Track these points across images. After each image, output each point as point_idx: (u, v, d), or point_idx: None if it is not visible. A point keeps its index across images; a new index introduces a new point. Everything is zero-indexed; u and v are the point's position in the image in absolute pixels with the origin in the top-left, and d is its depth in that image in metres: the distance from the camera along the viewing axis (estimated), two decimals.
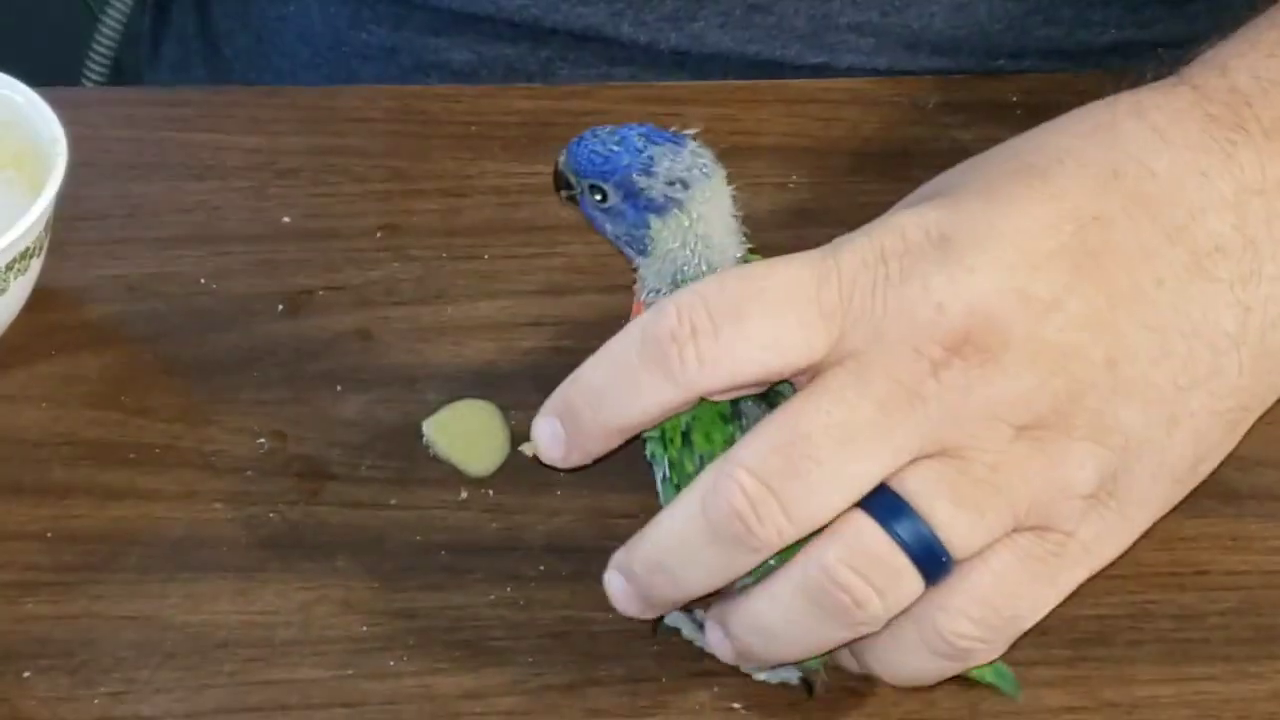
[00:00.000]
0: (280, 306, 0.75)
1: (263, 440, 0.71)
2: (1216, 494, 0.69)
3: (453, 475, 0.70)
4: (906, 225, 0.61)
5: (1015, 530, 0.60)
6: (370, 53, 0.91)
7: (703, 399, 0.62)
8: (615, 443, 0.63)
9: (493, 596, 0.67)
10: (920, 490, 0.59)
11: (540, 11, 0.87)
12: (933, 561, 0.59)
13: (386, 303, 0.75)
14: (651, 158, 0.63)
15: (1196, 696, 0.65)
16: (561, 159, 0.65)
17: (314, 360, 0.73)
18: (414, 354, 0.73)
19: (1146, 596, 0.67)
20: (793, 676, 0.64)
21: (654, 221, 0.63)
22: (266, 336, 0.74)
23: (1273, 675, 0.65)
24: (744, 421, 0.62)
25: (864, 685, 0.65)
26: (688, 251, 0.63)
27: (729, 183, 0.64)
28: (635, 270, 0.65)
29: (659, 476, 0.64)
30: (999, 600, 0.60)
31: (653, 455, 0.64)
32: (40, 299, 0.73)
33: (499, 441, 0.71)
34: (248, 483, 0.70)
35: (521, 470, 0.70)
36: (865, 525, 0.59)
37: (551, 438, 0.63)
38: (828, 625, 0.60)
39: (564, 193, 0.66)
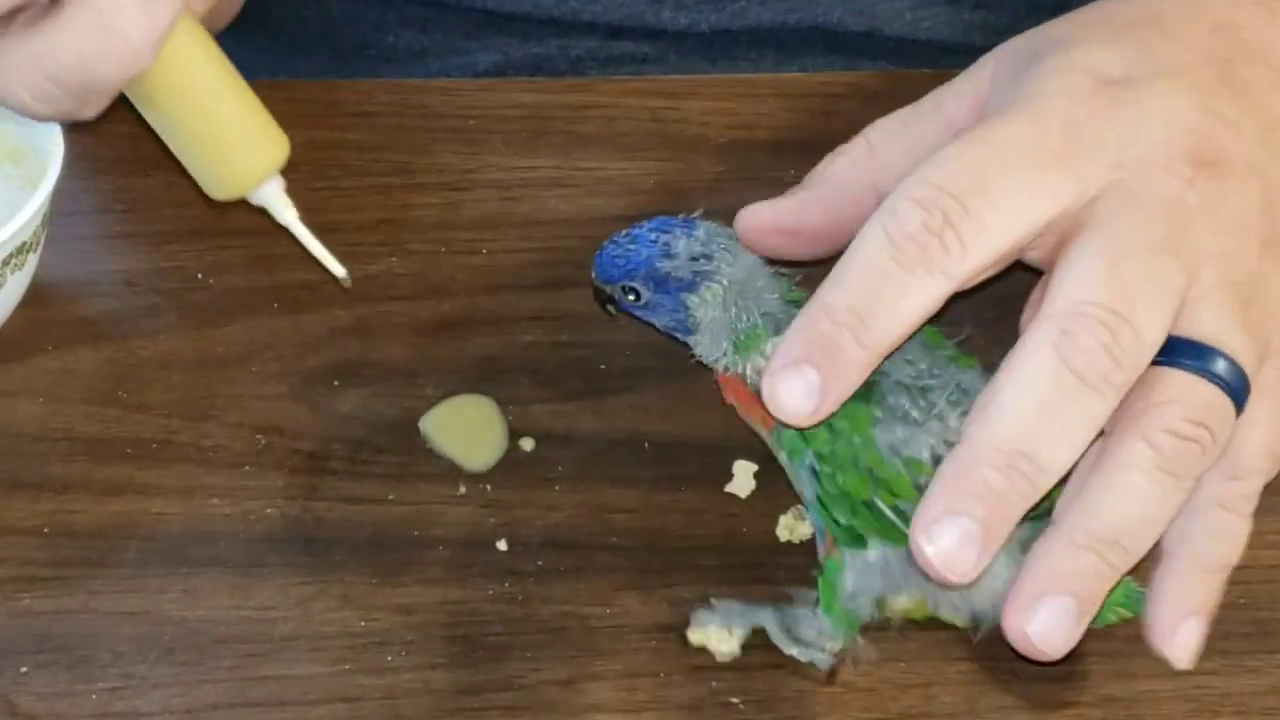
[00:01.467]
0: (277, 302, 0.75)
1: (261, 435, 0.71)
2: None
3: (451, 470, 0.70)
4: (1085, 67, 0.63)
5: (1274, 350, 0.62)
6: (396, 55, 0.90)
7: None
8: (873, 366, 0.60)
9: (490, 592, 0.67)
10: (1214, 324, 0.60)
11: (579, 4, 0.86)
12: (1243, 389, 0.60)
13: (385, 297, 0.75)
14: (668, 244, 0.65)
15: (1196, 691, 0.65)
16: (593, 276, 0.67)
17: (312, 355, 0.73)
18: (413, 349, 0.73)
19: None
20: (824, 660, 0.64)
21: (690, 299, 0.65)
22: (265, 331, 0.74)
23: (1271, 670, 0.65)
24: (882, 401, 0.62)
25: (863, 680, 0.65)
26: (732, 313, 0.64)
27: None
28: (696, 353, 0.66)
29: (805, 471, 0.63)
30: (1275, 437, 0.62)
31: (793, 453, 0.63)
32: (37, 294, 0.73)
33: (497, 437, 0.71)
34: (246, 478, 0.70)
35: (520, 465, 0.70)
36: (1200, 385, 0.60)
37: (805, 390, 0.59)
38: (1175, 491, 0.59)
39: (609, 307, 0.67)
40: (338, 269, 0.69)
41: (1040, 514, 0.62)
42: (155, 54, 0.61)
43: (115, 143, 0.79)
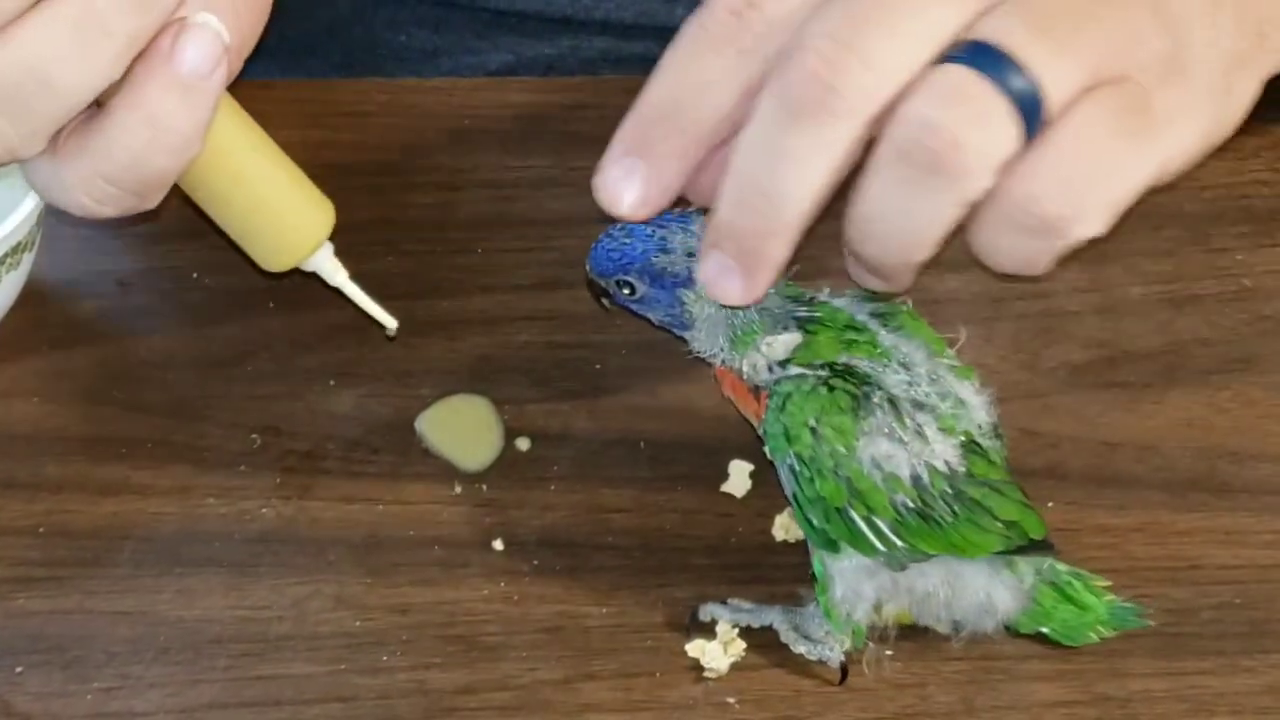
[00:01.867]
0: (273, 302, 0.75)
1: (256, 435, 0.71)
2: (1210, 488, 0.69)
3: (446, 470, 0.70)
4: None
5: (1096, 85, 0.59)
6: (407, 55, 0.90)
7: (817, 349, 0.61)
8: (694, 155, 0.61)
9: (486, 592, 0.67)
10: (1000, 27, 0.58)
11: (592, 2, 0.86)
12: (1025, 98, 0.58)
13: (380, 297, 0.75)
14: (664, 238, 0.64)
15: (1190, 691, 0.65)
16: (587, 269, 0.66)
17: (307, 354, 0.73)
18: (408, 348, 0.73)
19: (1140, 591, 0.67)
20: (834, 658, 0.64)
21: (685, 295, 0.64)
22: (260, 331, 0.74)
23: (1266, 670, 0.65)
24: (869, 415, 0.62)
25: (858, 680, 0.65)
26: (728, 309, 0.64)
27: None
28: (692, 347, 0.66)
29: (784, 469, 0.63)
30: (1084, 157, 0.59)
31: (775, 450, 0.63)
32: (32, 294, 0.73)
33: (493, 436, 0.71)
34: (241, 478, 0.69)
35: (515, 465, 0.70)
36: (952, 68, 0.58)
37: (626, 174, 0.61)
38: (928, 190, 0.58)
39: (604, 300, 0.67)
40: (388, 320, 0.70)
41: (1027, 547, 0.62)
42: (204, 139, 0.62)
43: None
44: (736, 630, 0.65)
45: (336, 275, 0.68)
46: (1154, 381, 0.72)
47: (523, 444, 0.71)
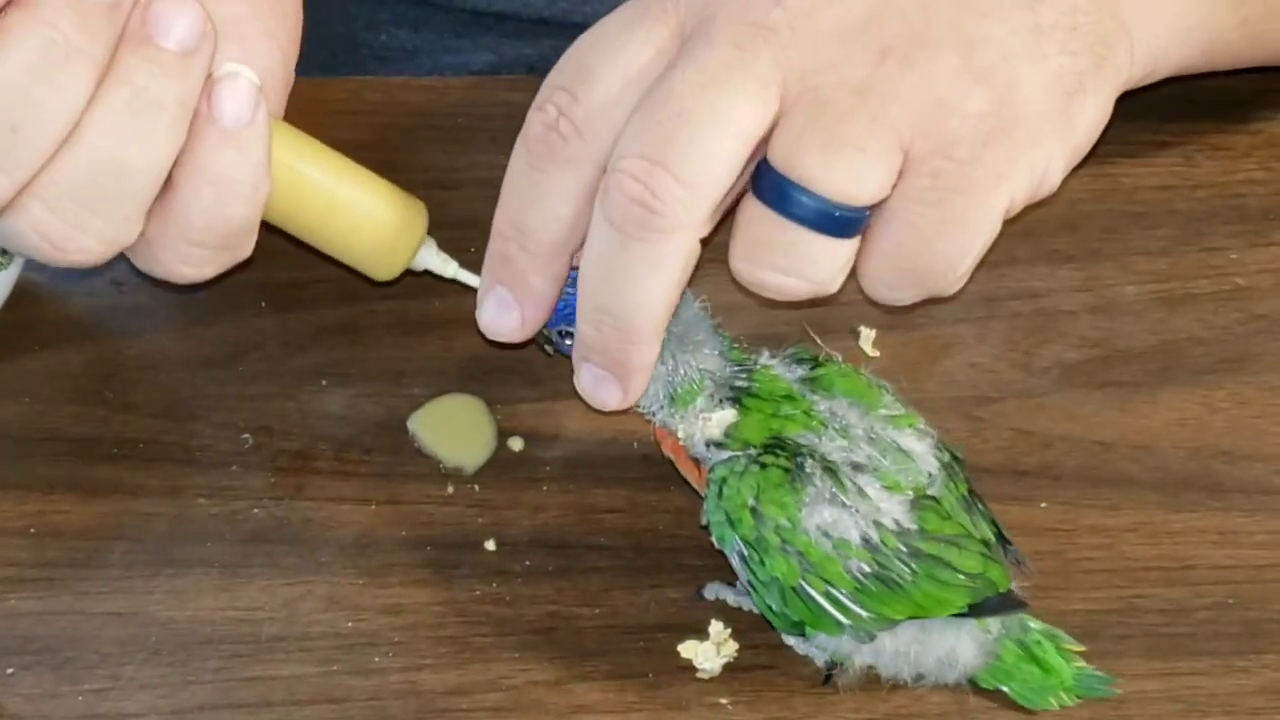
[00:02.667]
0: (265, 301, 0.74)
1: (247, 435, 0.71)
2: (1203, 488, 0.69)
3: (438, 470, 0.70)
4: None
5: (910, 170, 0.59)
6: (389, 55, 0.90)
7: (744, 440, 0.62)
8: (556, 268, 0.63)
9: (478, 592, 0.67)
10: (790, 150, 0.59)
11: (569, 4, 0.86)
12: (828, 219, 0.59)
13: (373, 296, 0.75)
14: None
15: (1184, 691, 0.65)
16: None
17: (299, 354, 0.73)
18: (400, 348, 0.73)
19: (1134, 591, 0.67)
20: (820, 658, 0.64)
21: None
22: (252, 331, 0.74)
23: (1259, 670, 0.65)
24: (806, 485, 0.61)
25: (858, 683, 0.64)
26: (668, 365, 0.64)
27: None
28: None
29: (735, 557, 0.63)
30: (915, 258, 0.60)
31: (721, 539, 0.63)
32: (23, 294, 0.73)
33: (485, 436, 0.71)
34: (232, 478, 0.69)
35: (508, 465, 0.70)
36: (751, 213, 0.60)
37: (499, 306, 0.64)
38: (788, 301, 0.61)
39: (548, 347, 0.67)
40: None
41: (997, 605, 0.62)
42: (267, 177, 0.63)
43: None
44: (729, 631, 0.65)
45: (447, 267, 0.68)
46: (1148, 381, 0.72)
47: (515, 444, 0.71)
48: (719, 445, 0.63)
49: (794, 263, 0.60)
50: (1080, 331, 0.74)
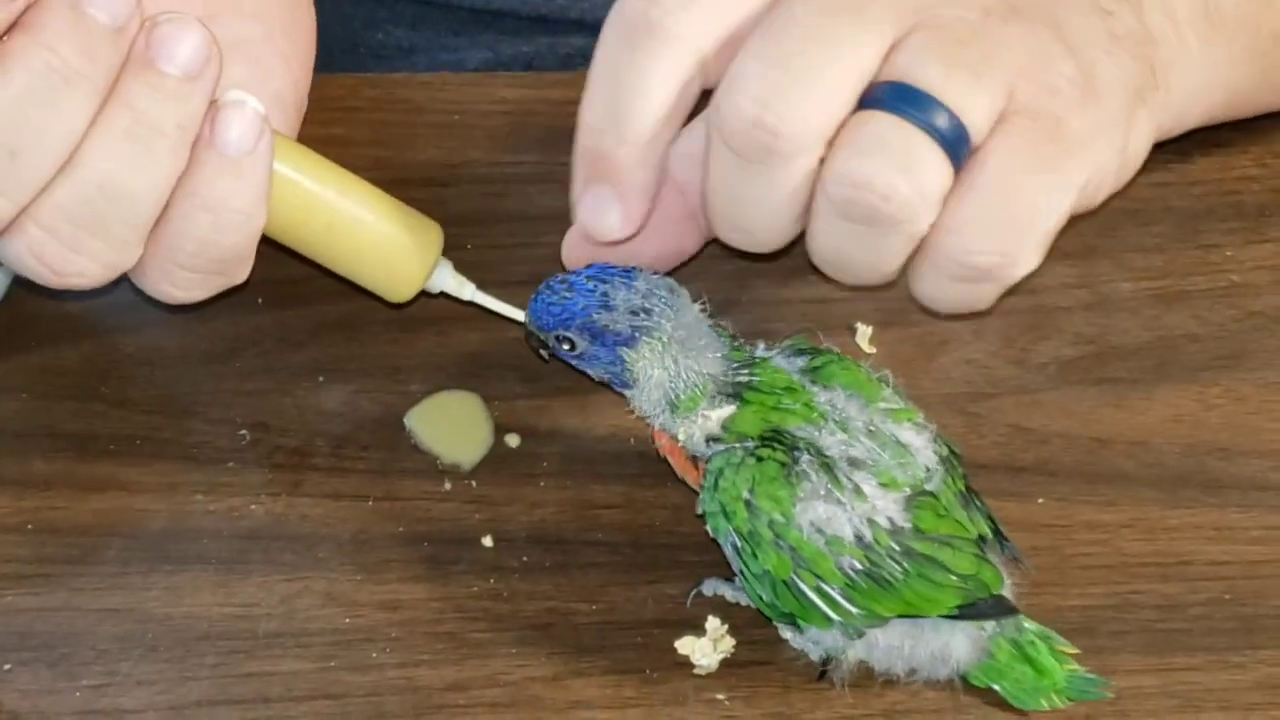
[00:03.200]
0: (261, 297, 0.74)
1: (244, 431, 0.71)
2: (1199, 484, 0.69)
3: (435, 467, 0.70)
4: None
5: (1012, 113, 0.60)
6: (386, 53, 0.90)
7: (752, 449, 0.62)
8: (655, 156, 0.62)
9: (476, 588, 0.67)
10: (915, 62, 0.59)
11: (566, 1, 0.86)
12: (948, 134, 0.59)
13: (370, 293, 0.75)
14: (606, 294, 0.64)
15: (1179, 687, 0.65)
16: (526, 321, 0.66)
17: (297, 351, 0.73)
18: (397, 345, 0.73)
19: (1130, 587, 0.67)
20: (816, 652, 0.64)
21: (627, 354, 0.64)
22: (248, 327, 0.73)
23: (1255, 666, 0.65)
24: (802, 480, 0.61)
25: (852, 677, 0.65)
26: (670, 371, 0.64)
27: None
28: (632, 405, 0.65)
29: (728, 548, 0.63)
30: (1009, 201, 0.60)
31: (716, 530, 0.63)
32: (20, 290, 0.73)
33: (482, 433, 0.71)
34: (229, 474, 0.69)
35: (505, 462, 0.70)
36: (873, 116, 0.59)
37: (598, 205, 0.63)
38: (873, 235, 0.60)
39: (543, 352, 0.66)
40: (523, 317, 0.69)
41: (989, 609, 0.62)
42: (265, 207, 0.63)
43: None
44: (726, 627, 0.65)
45: (464, 290, 0.68)
46: (1144, 377, 0.72)
47: (512, 440, 0.71)
48: (716, 440, 0.63)
49: (906, 161, 0.59)
50: (1076, 328, 0.74)
